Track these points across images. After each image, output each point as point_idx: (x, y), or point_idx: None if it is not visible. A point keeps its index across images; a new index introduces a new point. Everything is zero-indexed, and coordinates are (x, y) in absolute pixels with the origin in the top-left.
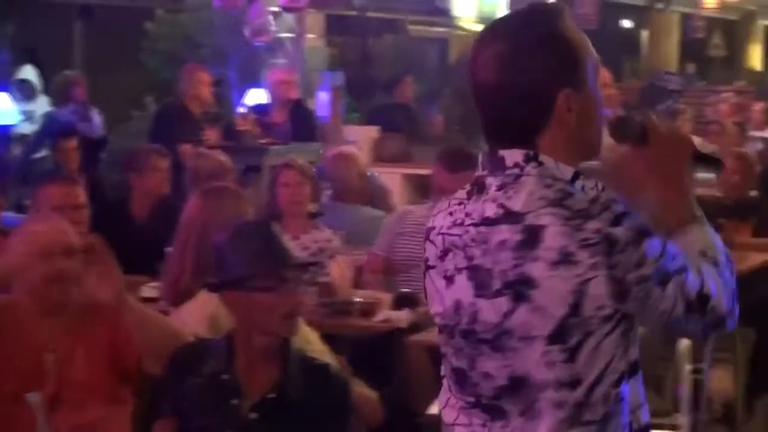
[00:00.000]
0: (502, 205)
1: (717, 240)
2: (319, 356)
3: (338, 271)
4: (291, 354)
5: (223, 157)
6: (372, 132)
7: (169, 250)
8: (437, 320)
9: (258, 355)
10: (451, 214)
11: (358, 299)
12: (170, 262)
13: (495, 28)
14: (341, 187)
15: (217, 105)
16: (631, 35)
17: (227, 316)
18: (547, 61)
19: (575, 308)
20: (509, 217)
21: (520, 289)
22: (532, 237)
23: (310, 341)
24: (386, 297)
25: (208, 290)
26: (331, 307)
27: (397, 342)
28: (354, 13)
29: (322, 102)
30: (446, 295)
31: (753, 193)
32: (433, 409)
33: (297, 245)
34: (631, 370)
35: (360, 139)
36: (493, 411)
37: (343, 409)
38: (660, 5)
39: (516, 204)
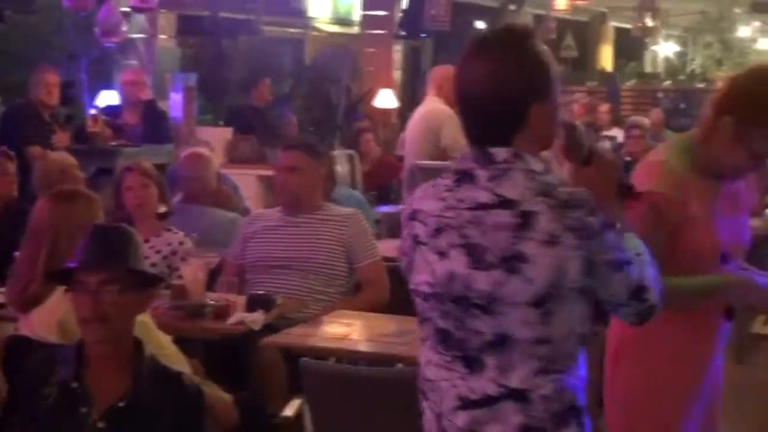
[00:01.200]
0: (496, 194)
1: (642, 244)
2: (172, 360)
3: (191, 273)
4: (142, 361)
5: (72, 160)
6: (225, 133)
7: (17, 254)
8: (424, 288)
9: (107, 361)
10: (442, 199)
11: (211, 301)
12: (19, 266)
13: (479, 48)
14: (194, 188)
15: (68, 107)
16: None
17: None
18: (525, 79)
19: (555, 281)
20: (505, 203)
21: (513, 263)
22: (527, 221)
23: (162, 345)
24: (239, 299)
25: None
26: (184, 309)
27: (250, 344)
28: (206, 13)
29: (174, 103)
30: (438, 267)
31: None
32: (288, 411)
33: (148, 248)
34: (585, 339)
35: (213, 141)
36: (474, 363)
37: (195, 417)
38: (512, 6)
39: (510, 193)
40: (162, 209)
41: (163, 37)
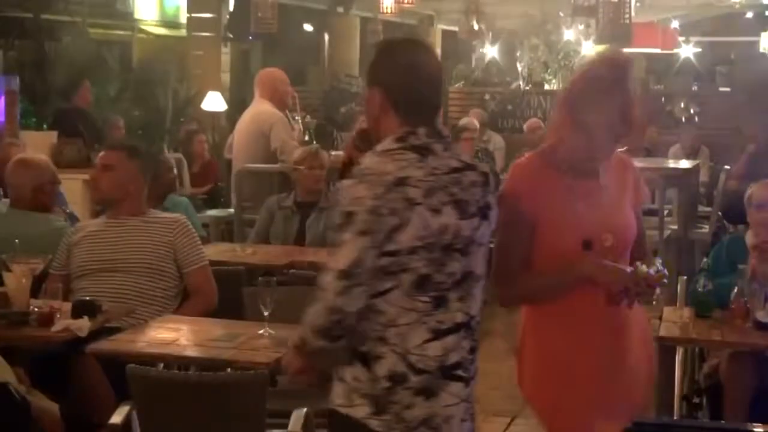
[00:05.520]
0: (459, 160)
1: None
2: None
3: (14, 280)
4: None
5: None
6: (50, 137)
7: None
8: (416, 242)
9: None
10: (420, 168)
11: (35, 309)
12: None
13: (423, 48)
14: (19, 194)
15: None
16: (314, 39)
17: None
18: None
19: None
20: (469, 166)
21: (485, 211)
22: (486, 179)
23: None
24: (64, 306)
25: None
26: (7, 317)
27: (77, 351)
28: (29, 15)
29: None
30: (433, 222)
31: None
32: (116, 418)
33: None
34: None
35: (38, 145)
36: (441, 301)
37: (21, 427)
38: (340, 9)
39: (466, 158)
40: None
41: None
